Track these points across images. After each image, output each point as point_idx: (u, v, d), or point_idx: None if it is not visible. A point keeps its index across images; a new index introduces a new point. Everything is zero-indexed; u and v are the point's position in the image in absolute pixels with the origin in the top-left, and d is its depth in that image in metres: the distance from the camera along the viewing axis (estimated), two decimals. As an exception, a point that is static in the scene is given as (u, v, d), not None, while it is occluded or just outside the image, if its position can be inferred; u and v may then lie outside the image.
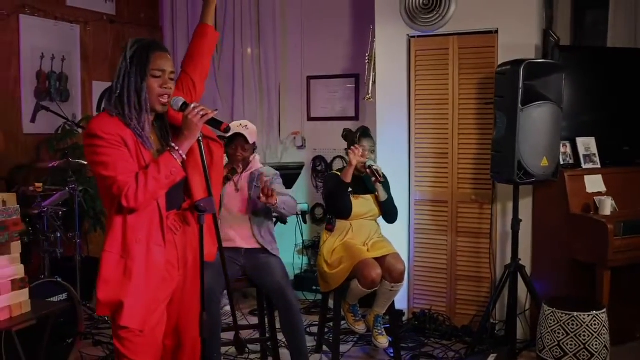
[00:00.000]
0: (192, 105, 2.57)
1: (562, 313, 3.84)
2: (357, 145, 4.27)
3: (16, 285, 3.10)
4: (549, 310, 3.92)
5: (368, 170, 4.25)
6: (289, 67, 6.58)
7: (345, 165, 4.45)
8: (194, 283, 2.73)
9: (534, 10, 4.61)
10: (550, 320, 3.90)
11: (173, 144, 2.55)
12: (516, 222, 4.34)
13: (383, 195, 4.32)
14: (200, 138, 2.60)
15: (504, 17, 4.66)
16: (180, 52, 6.60)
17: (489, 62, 4.75)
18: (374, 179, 4.22)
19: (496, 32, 4.71)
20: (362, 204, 4.34)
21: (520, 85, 4.05)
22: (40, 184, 4.48)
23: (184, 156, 2.56)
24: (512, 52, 4.50)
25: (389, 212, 4.38)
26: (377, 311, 4.30)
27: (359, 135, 4.40)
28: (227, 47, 6.58)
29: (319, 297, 5.72)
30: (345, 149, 4.49)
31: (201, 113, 2.55)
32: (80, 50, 6.20)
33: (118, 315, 2.50)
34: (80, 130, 5.79)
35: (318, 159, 6.51)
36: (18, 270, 3.12)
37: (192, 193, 2.72)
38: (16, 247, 3.13)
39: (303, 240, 6.21)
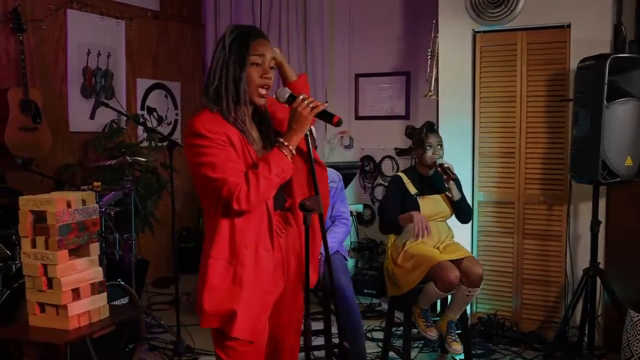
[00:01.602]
0: (301, 97, 2.39)
1: (653, 320, 3.65)
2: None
3: (95, 289, 2.94)
4: (637, 316, 3.73)
5: (439, 169, 4.08)
6: (337, 65, 6.44)
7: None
8: (295, 288, 2.56)
9: (608, 3, 4.43)
10: (639, 327, 3.71)
11: (282, 140, 2.37)
12: (595, 223, 4.14)
13: (457, 194, 4.13)
14: (308, 133, 2.42)
15: (577, 11, 4.48)
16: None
17: (560, 58, 4.58)
18: (445, 177, 4.05)
19: (568, 26, 4.53)
20: (431, 205, 4.16)
21: (606, 81, 3.86)
22: (99, 183, 4.32)
23: (294, 152, 2.38)
24: (587, 47, 4.30)
25: (463, 211, 4.19)
26: (450, 317, 4.11)
27: (425, 130, 4.22)
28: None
29: (374, 300, 5.57)
30: (411, 147, 4.32)
31: (311, 105, 2.37)
32: (125, 46, 6.05)
33: (229, 327, 2.32)
34: (127, 128, 5.66)
35: (366, 159, 6.36)
36: (97, 273, 2.96)
37: (293, 191, 2.55)
38: (95, 248, 2.96)
39: (358, 241, 6.04)
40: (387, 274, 4.22)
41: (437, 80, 5.00)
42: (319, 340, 4.39)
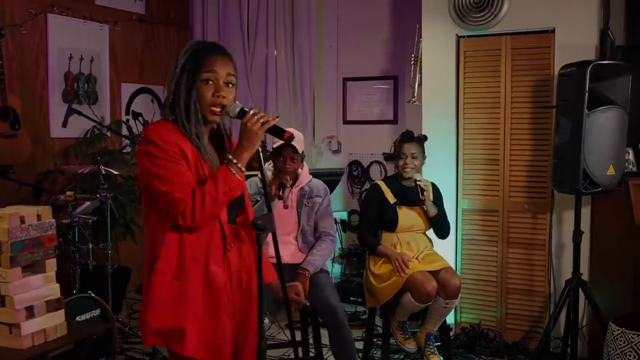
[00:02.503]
0: (252, 112, 2.29)
1: (634, 334, 3.54)
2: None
3: (51, 306, 2.86)
4: (617, 330, 3.63)
5: (414, 184, 3.99)
6: (324, 69, 6.34)
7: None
8: (247, 306, 2.47)
9: (594, 7, 4.33)
10: (620, 341, 3.61)
11: (230, 157, 2.28)
12: (578, 234, 4.04)
13: (432, 211, 4.03)
14: (259, 149, 2.34)
15: (562, 16, 4.38)
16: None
17: (544, 63, 4.48)
18: (418, 195, 3.96)
19: (553, 31, 4.43)
20: (410, 216, 4.07)
21: (587, 88, 3.76)
22: (72, 193, 4.24)
23: (244, 169, 2.30)
24: (571, 53, 4.22)
25: (439, 228, 4.11)
26: (428, 329, 4.04)
27: (399, 140, 4.14)
28: (260, 48, 6.35)
29: (359, 309, 5.48)
30: (391, 155, 4.23)
31: (262, 120, 2.28)
32: (109, 50, 5.98)
33: (178, 345, 2.24)
34: (109, 134, 5.59)
35: (354, 164, 6.27)
36: (53, 290, 2.88)
37: (245, 207, 2.46)
38: (51, 264, 2.89)
39: (341, 248, 5.95)
40: (366, 284, 4.15)
41: (420, 85, 4.90)
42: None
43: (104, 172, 4.48)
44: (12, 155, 4.94)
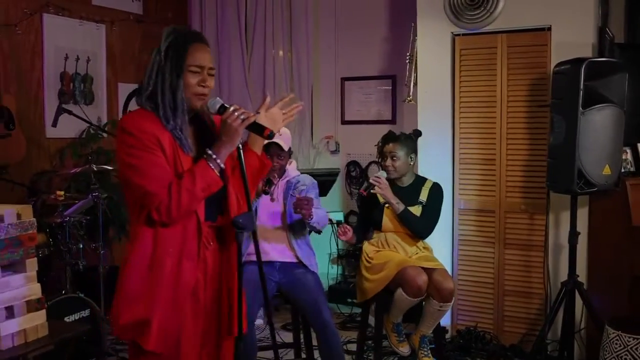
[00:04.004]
0: (232, 108, 2.26)
1: (630, 337, 3.48)
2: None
3: (32, 306, 2.81)
4: (613, 333, 3.57)
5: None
6: (322, 68, 6.29)
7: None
8: (223, 308, 2.41)
9: (590, 5, 4.26)
10: (616, 344, 3.54)
11: (210, 152, 2.24)
12: (574, 235, 3.98)
13: (396, 209, 3.93)
14: (240, 145, 2.29)
15: (558, 13, 4.31)
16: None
17: (540, 61, 4.41)
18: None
19: (549, 29, 4.36)
20: (395, 217, 4.00)
21: (581, 86, 3.70)
22: (62, 192, 4.21)
23: (222, 165, 2.25)
24: (567, 50, 4.15)
25: (409, 228, 3.97)
26: (423, 331, 3.98)
27: (380, 142, 4.10)
28: (258, 48, 6.30)
29: (355, 310, 5.43)
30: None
31: (242, 117, 2.24)
32: (106, 50, 5.95)
33: (143, 338, 2.20)
34: (105, 135, 5.56)
35: (352, 164, 6.22)
36: (34, 290, 2.83)
37: (228, 206, 2.41)
38: (32, 264, 2.84)
39: (338, 249, 5.90)
40: (357, 279, 4.11)
41: (416, 84, 4.84)
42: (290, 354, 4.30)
43: (95, 169, 4.43)
44: (6, 155, 4.92)
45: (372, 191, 3.89)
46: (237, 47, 6.33)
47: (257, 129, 2.34)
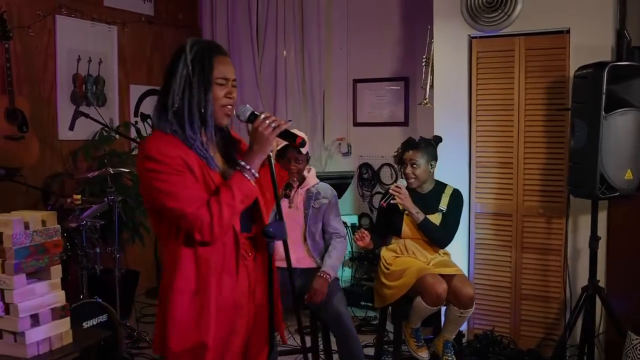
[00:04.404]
0: (263, 116, 2.22)
1: (653, 343, 3.46)
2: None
3: (57, 314, 2.80)
4: (637, 339, 3.54)
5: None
6: (334, 70, 6.27)
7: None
8: (261, 315, 2.39)
9: (610, 7, 4.23)
10: (638, 350, 3.52)
11: (243, 162, 2.20)
12: (594, 239, 3.95)
13: (416, 219, 3.91)
14: (270, 154, 2.26)
15: (577, 16, 4.28)
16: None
17: (559, 64, 4.38)
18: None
19: (568, 32, 4.33)
20: (414, 225, 3.98)
21: (604, 90, 3.67)
22: (79, 196, 4.19)
23: (257, 175, 2.21)
24: (587, 54, 4.12)
25: (428, 237, 3.96)
26: (446, 336, 3.96)
27: (400, 149, 4.08)
28: (269, 49, 6.27)
29: (370, 313, 5.41)
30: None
31: (273, 125, 2.20)
32: (118, 52, 5.94)
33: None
34: (117, 137, 5.53)
35: (364, 166, 6.19)
36: (59, 297, 2.82)
37: (261, 215, 2.36)
38: (57, 271, 2.83)
39: (352, 252, 5.88)
40: (376, 285, 4.08)
41: (432, 87, 4.82)
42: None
43: (112, 172, 4.41)
44: (20, 158, 4.91)
45: (392, 202, 3.87)
46: (248, 48, 6.30)
47: (288, 136, 2.30)
